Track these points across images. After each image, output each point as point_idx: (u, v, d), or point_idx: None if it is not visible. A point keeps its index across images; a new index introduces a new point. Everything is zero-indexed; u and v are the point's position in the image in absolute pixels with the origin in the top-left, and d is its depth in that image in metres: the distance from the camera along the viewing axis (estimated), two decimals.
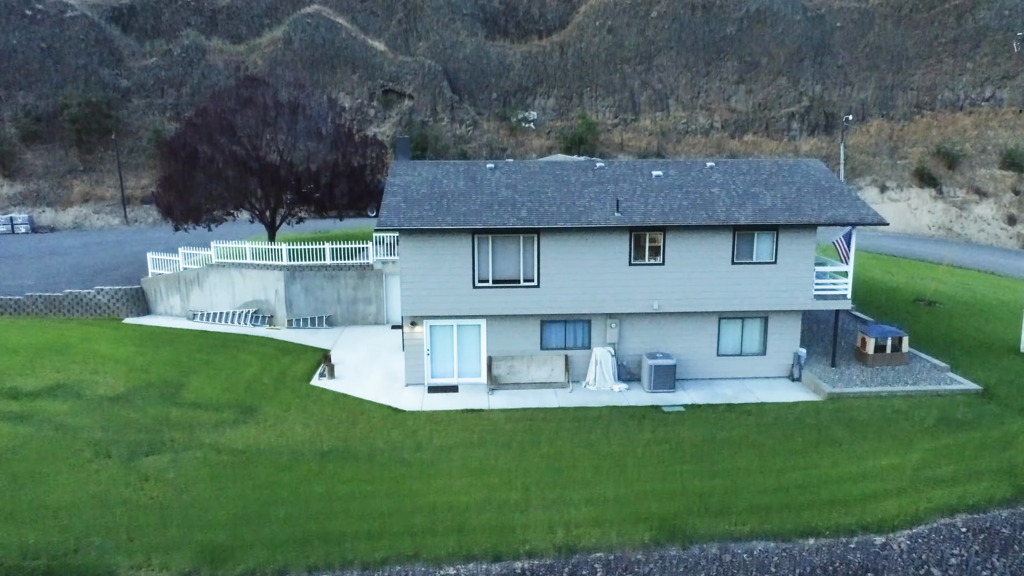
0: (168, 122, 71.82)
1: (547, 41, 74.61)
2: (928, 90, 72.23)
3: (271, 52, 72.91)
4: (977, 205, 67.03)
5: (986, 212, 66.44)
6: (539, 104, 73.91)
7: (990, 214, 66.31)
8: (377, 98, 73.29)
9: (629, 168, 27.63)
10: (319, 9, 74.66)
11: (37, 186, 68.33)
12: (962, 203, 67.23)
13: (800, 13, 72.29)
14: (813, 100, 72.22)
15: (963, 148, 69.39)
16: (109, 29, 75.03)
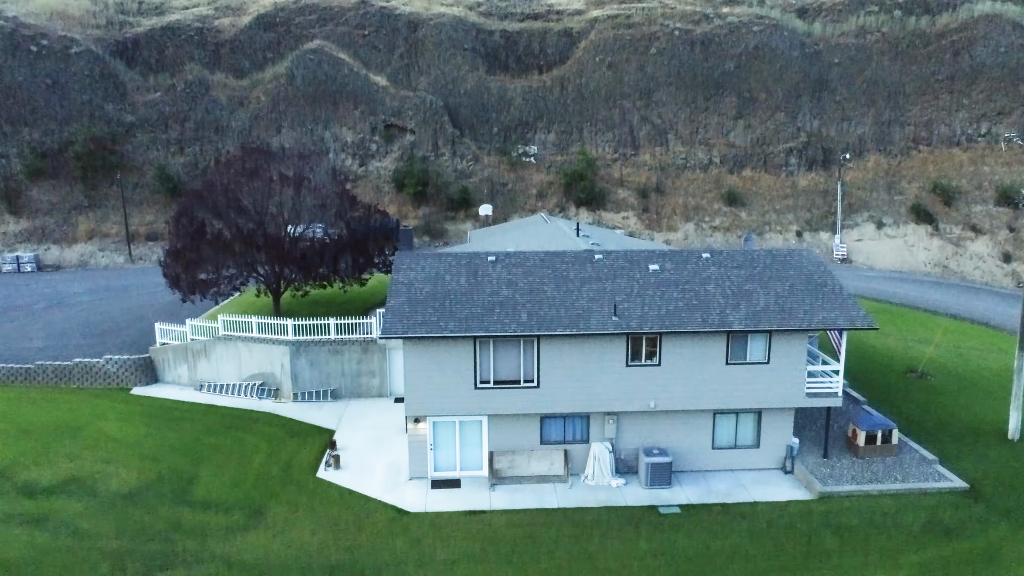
0: (172, 156, 72.60)
1: (547, 76, 75.30)
2: (925, 125, 72.93)
3: (274, 88, 73.61)
4: (973, 242, 67.73)
5: (982, 249, 67.15)
6: (539, 139, 74.63)
7: (986, 251, 67.01)
8: (379, 132, 74.00)
9: (626, 261, 28.37)
10: (321, 44, 75.37)
11: (43, 223, 69.08)
12: (958, 240, 67.95)
13: (798, 50, 72.96)
14: (811, 135, 72.91)
15: (959, 184, 70.11)
16: (113, 63, 75.73)
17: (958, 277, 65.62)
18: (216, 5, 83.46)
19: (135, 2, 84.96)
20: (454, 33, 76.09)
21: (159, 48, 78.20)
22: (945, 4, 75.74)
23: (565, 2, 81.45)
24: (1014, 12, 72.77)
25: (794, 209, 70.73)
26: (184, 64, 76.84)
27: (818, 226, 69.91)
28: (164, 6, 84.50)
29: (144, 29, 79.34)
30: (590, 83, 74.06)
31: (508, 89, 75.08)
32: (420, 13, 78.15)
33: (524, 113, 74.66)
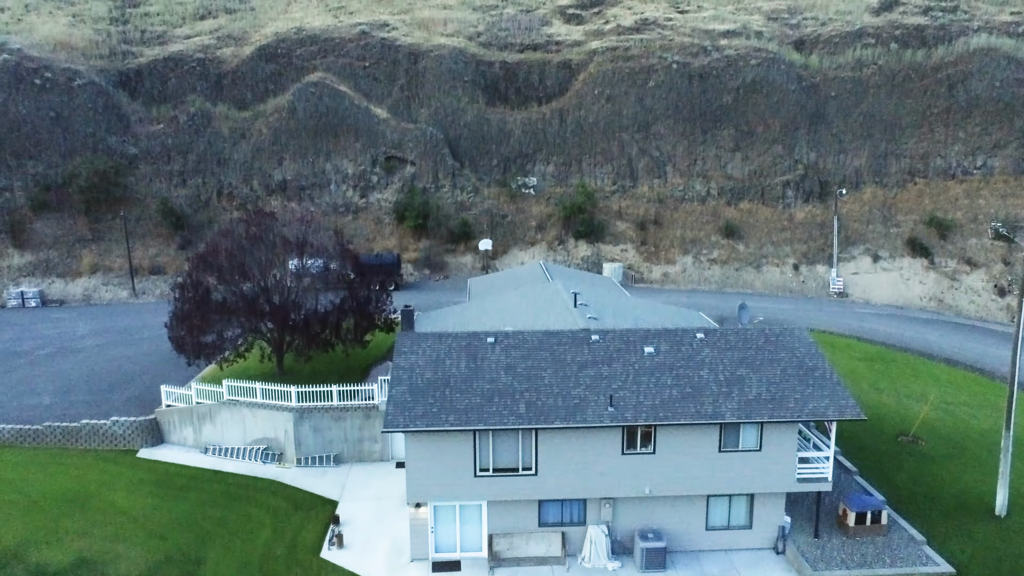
0: (174, 188, 73.30)
1: (547, 108, 75.95)
2: (921, 158, 73.57)
3: (275, 120, 74.26)
4: (968, 276, 68.41)
5: (976, 283, 67.82)
6: (539, 170, 75.30)
7: (980, 285, 67.68)
8: (380, 164, 74.68)
9: (622, 342, 29.05)
10: (323, 77, 76.01)
11: (47, 256, 69.79)
12: (953, 273, 68.62)
13: (795, 83, 73.59)
14: (808, 168, 73.56)
15: (955, 217, 70.76)
16: (117, 95, 76.41)
17: (953, 311, 66.31)
18: (218, 34, 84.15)
19: (138, 30, 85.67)
20: (454, 65, 76.74)
21: (162, 79, 78.89)
22: (941, 37, 76.39)
23: (564, 32, 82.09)
24: (1009, 46, 73.39)
25: (791, 242, 71.41)
26: (187, 95, 77.52)
27: (815, 259, 70.61)
28: (167, 35, 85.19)
29: (147, 60, 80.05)
30: (589, 115, 74.71)
31: (508, 121, 75.73)
32: (420, 44, 78.80)
33: (523, 145, 75.32)
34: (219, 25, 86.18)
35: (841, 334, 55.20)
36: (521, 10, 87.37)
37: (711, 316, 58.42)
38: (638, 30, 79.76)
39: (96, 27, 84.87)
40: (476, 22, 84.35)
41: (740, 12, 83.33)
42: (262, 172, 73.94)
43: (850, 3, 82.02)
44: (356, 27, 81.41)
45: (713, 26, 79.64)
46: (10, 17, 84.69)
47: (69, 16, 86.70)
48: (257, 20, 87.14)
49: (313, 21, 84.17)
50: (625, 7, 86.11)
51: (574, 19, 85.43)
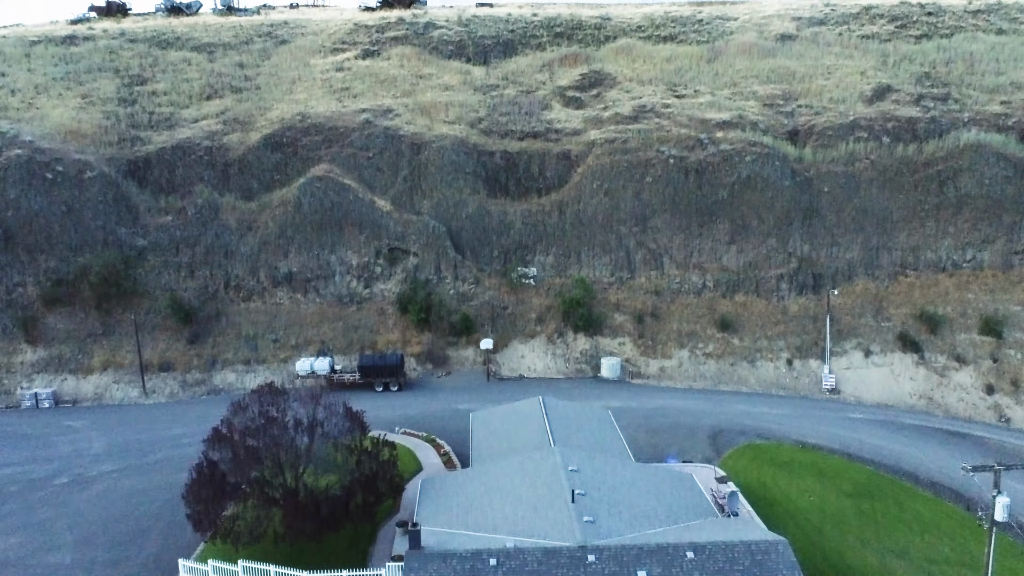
0: (183, 281, 75.09)
1: (547, 200, 77.78)
2: (912, 251, 75.38)
3: (281, 214, 76.08)
4: (957, 372, 70.21)
5: (965, 380, 69.63)
6: (539, 261, 77.10)
7: (969, 382, 69.49)
8: (383, 256, 76.50)
9: (617, 565, 30.87)
10: (327, 169, 77.87)
11: (59, 351, 71.65)
12: (942, 370, 70.43)
13: (789, 179, 75.38)
14: (801, 260, 75.36)
15: (945, 312, 72.54)
16: (126, 185, 78.29)
17: (942, 410, 68.06)
18: (225, 118, 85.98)
19: (146, 112, 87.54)
20: (456, 157, 78.55)
21: (170, 167, 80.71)
22: (932, 131, 78.17)
23: (564, 119, 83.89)
24: (998, 142, 75.20)
25: (785, 335, 73.20)
26: (194, 184, 79.37)
27: (808, 353, 72.38)
28: (174, 117, 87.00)
29: (155, 147, 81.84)
30: (588, 208, 76.52)
31: (508, 212, 77.54)
32: (423, 134, 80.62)
33: (524, 236, 77.13)
34: (225, 107, 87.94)
35: (831, 450, 56.88)
36: (522, 91, 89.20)
37: (707, 427, 60.41)
38: (636, 118, 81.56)
39: (105, 109, 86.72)
40: (477, 105, 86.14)
41: (736, 97, 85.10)
42: (268, 264, 75.77)
43: (844, 91, 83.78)
44: (360, 114, 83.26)
45: (710, 115, 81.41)
46: (20, 101, 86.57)
47: (78, 97, 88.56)
48: (263, 101, 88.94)
49: (318, 106, 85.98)
50: (624, 90, 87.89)
51: (574, 102, 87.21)
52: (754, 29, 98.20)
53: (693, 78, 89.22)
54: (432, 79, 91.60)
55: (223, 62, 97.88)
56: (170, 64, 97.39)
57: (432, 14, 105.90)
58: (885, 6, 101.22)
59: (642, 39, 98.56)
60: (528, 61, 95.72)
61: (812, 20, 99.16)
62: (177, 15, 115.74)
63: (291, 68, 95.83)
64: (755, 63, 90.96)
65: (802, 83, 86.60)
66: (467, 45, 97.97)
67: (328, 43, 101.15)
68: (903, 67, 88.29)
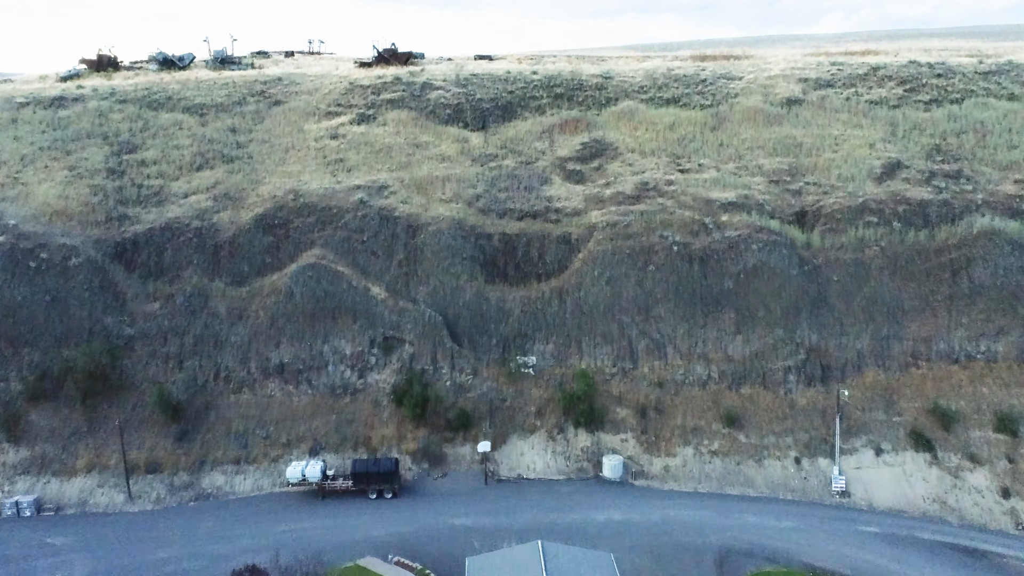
0: (171, 372, 72.75)
1: (546, 286, 75.44)
2: (924, 341, 72.98)
3: (273, 304, 73.76)
4: (972, 473, 67.73)
5: (980, 482, 67.17)
6: (538, 349, 74.73)
7: (984, 484, 67.03)
8: (378, 345, 74.14)
9: None
10: (320, 255, 75.56)
11: (42, 450, 69.25)
12: (956, 470, 67.98)
13: (797, 268, 73.00)
14: (809, 351, 72.92)
15: (958, 406, 70.09)
16: (113, 270, 76.03)
17: (956, 516, 65.53)
18: (216, 192, 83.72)
19: (135, 185, 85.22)
20: (453, 241, 76.22)
21: (158, 249, 78.38)
22: (945, 215, 75.78)
23: (564, 195, 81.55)
24: (1013, 229, 72.84)
25: (792, 431, 70.76)
26: (183, 268, 77.07)
27: (817, 451, 69.89)
28: (164, 191, 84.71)
29: (143, 227, 79.52)
30: (589, 297, 74.15)
31: (507, 299, 75.18)
32: (419, 215, 78.31)
33: (523, 324, 74.76)
34: (216, 180, 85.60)
35: None
36: (521, 162, 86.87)
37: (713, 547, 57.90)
38: (638, 198, 79.23)
39: (93, 183, 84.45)
40: (475, 179, 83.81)
41: (742, 172, 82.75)
42: (259, 354, 73.45)
43: (853, 166, 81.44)
44: (354, 191, 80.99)
45: (714, 193, 79.08)
46: (6, 175, 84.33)
47: (66, 169, 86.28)
48: (255, 173, 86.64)
49: (311, 180, 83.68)
50: (626, 162, 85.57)
51: (574, 176, 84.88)
52: (759, 91, 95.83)
53: (697, 149, 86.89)
54: (429, 148, 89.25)
55: (215, 126, 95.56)
56: (161, 128, 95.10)
57: (429, 71, 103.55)
58: (893, 67, 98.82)
59: (644, 102, 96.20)
60: (528, 126, 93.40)
61: (819, 82, 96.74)
62: (170, 69, 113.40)
63: (284, 134, 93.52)
64: (760, 131, 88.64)
65: (809, 156, 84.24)
66: (465, 109, 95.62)
67: (323, 105, 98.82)
68: (913, 138, 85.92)
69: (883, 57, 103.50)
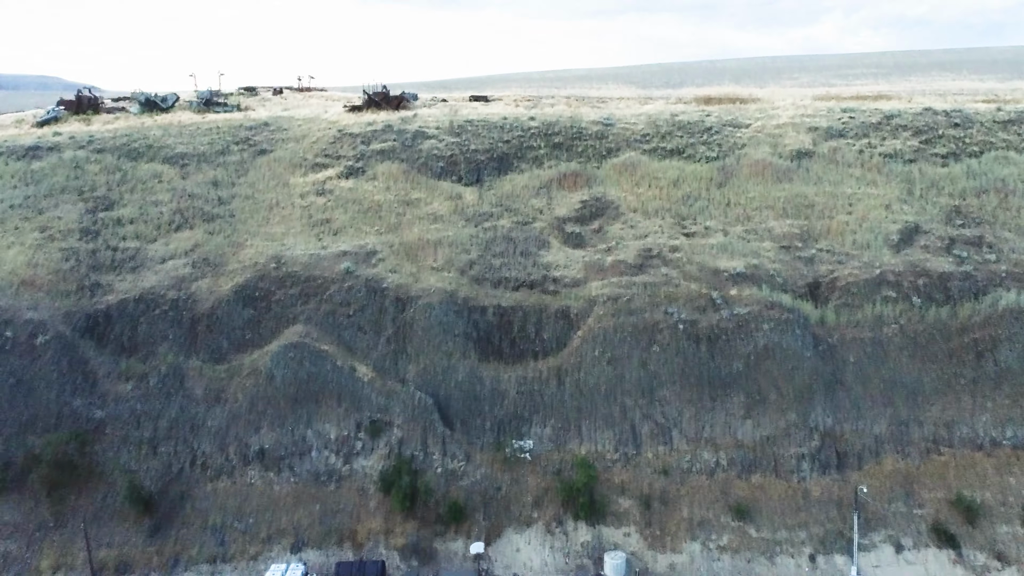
0: (143, 459, 68.28)
1: (544, 365, 70.97)
2: (946, 426, 68.51)
3: (252, 386, 69.31)
4: (999, 573, 63.33)
5: None
6: (535, 432, 70.21)
7: None
8: (364, 429, 69.68)
9: None
10: (304, 332, 71.15)
11: (5, 548, 64.75)
12: (982, 571, 63.57)
13: (811, 348, 68.54)
14: (824, 436, 68.42)
15: (983, 498, 65.67)
16: (83, 347, 71.63)
17: None
18: (194, 258, 79.27)
19: (109, 249, 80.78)
20: (444, 316, 71.76)
21: (132, 323, 73.93)
22: (967, 290, 71.29)
23: (563, 262, 77.07)
24: None
25: (807, 524, 66.23)
26: (158, 343, 72.64)
27: (832, 547, 65.33)
28: (139, 256, 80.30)
29: (117, 298, 75.07)
30: (589, 377, 69.67)
31: (502, 379, 70.69)
32: (409, 286, 73.88)
33: (519, 406, 70.27)
34: (195, 242, 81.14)
35: None
36: (517, 223, 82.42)
37: None
38: (641, 267, 74.78)
39: (65, 246, 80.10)
40: (469, 243, 79.34)
41: (750, 236, 78.27)
42: (238, 439, 68.98)
43: (868, 231, 76.97)
44: (341, 258, 76.58)
45: (722, 262, 74.62)
46: None
47: (37, 231, 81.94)
48: (236, 234, 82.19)
49: (295, 244, 79.26)
50: (627, 224, 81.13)
51: (573, 239, 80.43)
52: (767, 142, 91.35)
53: (703, 209, 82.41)
54: (420, 206, 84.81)
55: (196, 179, 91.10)
56: (139, 181, 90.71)
57: (422, 117, 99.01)
58: (908, 115, 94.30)
59: (647, 153, 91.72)
60: (524, 180, 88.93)
61: (830, 132, 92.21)
62: (152, 111, 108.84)
63: (269, 188, 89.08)
64: (769, 188, 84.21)
65: (821, 218, 79.77)
66: (459, 161, 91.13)
67: (309, 155, 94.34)
68: (931, 198, 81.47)
69: (896, 103, 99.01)
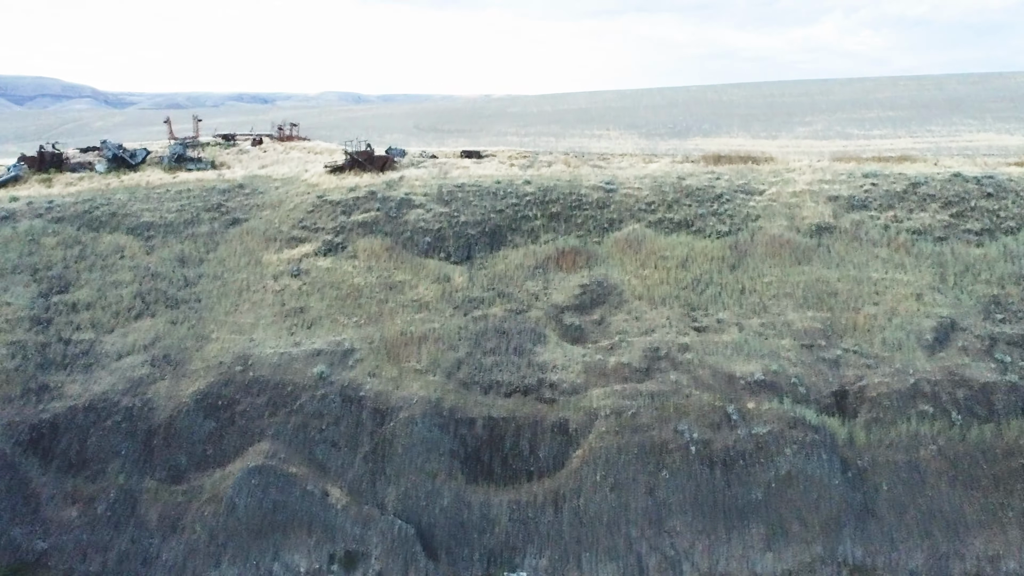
0: None
1: (539, 488, 63.51)
2: (990, 560, 60.94)
3: (212, 516, 61.80)
4: None
5: None
6: (529, 564, 62.70)
7: None
8: (338, 560, 62.20)
9: None
10: (271, 450, 63.70)
11: None
12: None
13: (839, 475, 61.09)
14: (853, 571, 60.96)
15: None
16: (26, 466, 64.27)
17: None
18: (153, 354, 71.85)
19: (61, 342, 73.35)
20: (428, 432, 64.30)
21: (81, 435, 66.51)
22: (1012, 405, 63.82)
23: (561, 362, 69.57)
24: None
25: None
26: (110, 460, 65.20)
27: None
28: (94, 351, 72.92)
29: (66, 406, 67.62)
30: (590, 505, 62.20)
31: (492, 504, 63.23)
32: (389, 394, 66.43)
33: (511, 535, 62.78)
34: (156, 334, 73.67)
35: None
36: (511, 311, 74.93)
37: None
38: (647, 371, 67.34)
39: (13, 338, 72.72)
40: (457, 337, 71.85)
41: (768, 331, 70.76)
42: (196, 575, 61.45)
43: (899, 328, 69.43)
44: (314, 359, 69.11)
45: (737, 366, 67.17)
46: None
47: None
48: (202, 324, 74.70)
49: (265, 339, 71.78)
50: (632, 315, 73.60)
51: (572, 332, 72.93)
52: (783, 213, 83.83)
53: (715, 296, 74.92)
54: (405, 290, 77.32)
55: (162, 254, 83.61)
56: (99, 257, 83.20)
57: (408, 180, 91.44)
58: (936, 182, 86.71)
59: (652, 225, 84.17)
60: (519, 258, 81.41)
61: (852, 202, 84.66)
62: (119, 168, 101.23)
63: (240, 267, 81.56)
64: (787, 271, 76.70)
65: (846, 309, 72.25)
66: (447, 236, 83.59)
67: (286, 226, 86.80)
68: (966, 285, 73.97)
69: (922, 167, 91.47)
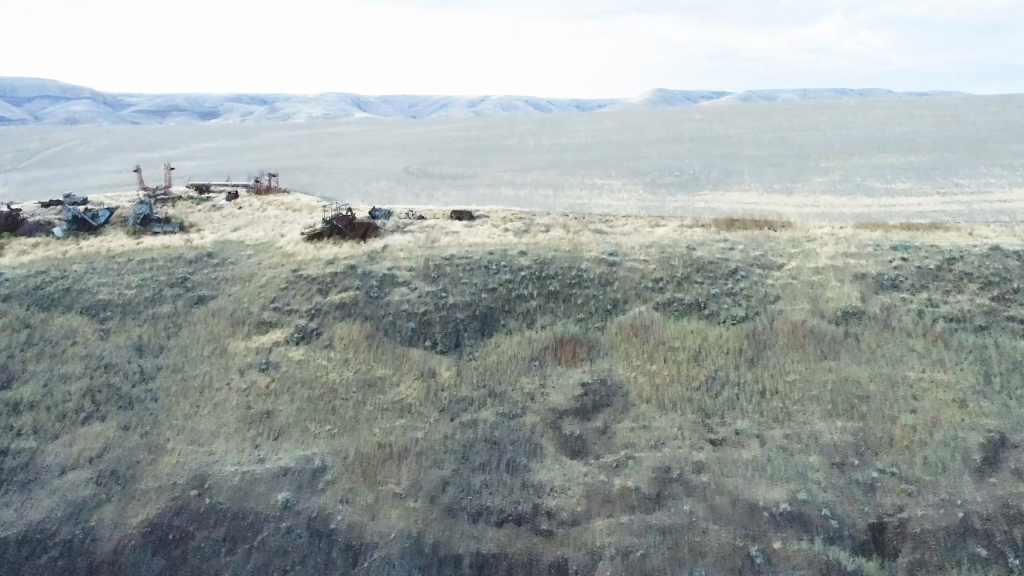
0: None
1: None
2: None
3: None
4: None
5: None
6: None
7: None
8: None
9: None
10: None
11: None
12: None
13: None
14: None
15: None
16: None
17: None
18: (100, 469, 63.91)
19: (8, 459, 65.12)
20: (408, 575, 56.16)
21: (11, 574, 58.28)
22: None
23: (559, 484, 61.58)
24: None
25: None
26: None
27: None
28: (34, 463, 65.31)
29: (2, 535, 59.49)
30: None
31: None
32: (363, 526, 58.40)
33: None
34: (106, 442, 65.74)
35: None
36: (503, 415, 67.00)
37: None
38: (657, 497, 59.37)
39: None
40: (441, 449, 63.87)
41: (792, 444, 62.80)
42: None
43: (941, 444, 61.45)
44: (279, 480, 61.14)
45: (759, 491, 59.17)
46: None
47: None
48: (157, 430, 66.69)
49: (226, 454, 63.78)
50: (640, 423, 65.68)
51: (572, 444, 64.92)
52: (805, 294, 75.82)
53: (731, 399, 66.95)
54: (385, 389, 69.29)
55: (117, 340, 75.60)
56: (48, 344, 75.16)
57: (392, 251, 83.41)
58: (972, 257, 78.72)
59: (660, 307, 76.16)
60: (513, 347, 73.40)
61: (881, 281, 76.63)
62: (79, 231, 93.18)
63: (202, 357, 73.53)
64: (812, 368, 68.76)
65: (880, 418, 64.26)
66: (433, 321, 75.57)
67: (256, 306, 78.72)
68: (1014, 388, 66.01)
69: (955, 237, 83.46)
